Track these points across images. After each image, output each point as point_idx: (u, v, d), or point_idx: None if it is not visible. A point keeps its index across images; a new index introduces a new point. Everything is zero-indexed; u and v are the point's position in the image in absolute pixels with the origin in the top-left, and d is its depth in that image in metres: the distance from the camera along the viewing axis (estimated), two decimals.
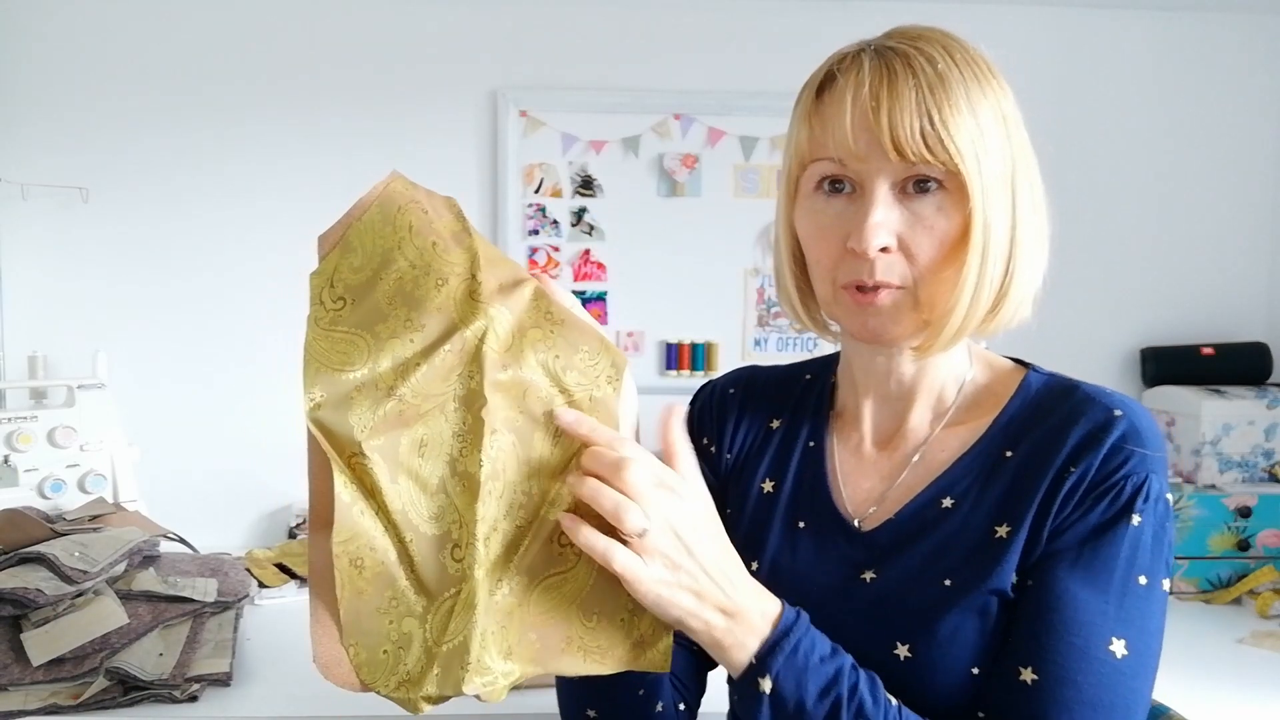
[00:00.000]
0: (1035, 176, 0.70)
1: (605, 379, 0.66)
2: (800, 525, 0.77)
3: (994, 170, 0.65)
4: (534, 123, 1.89)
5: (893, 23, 0.70)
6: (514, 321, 0.63)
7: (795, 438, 0.82)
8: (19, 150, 1.81)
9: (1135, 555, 0.64)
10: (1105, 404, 0.68)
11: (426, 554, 0.60)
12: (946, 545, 0.69)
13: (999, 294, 0.68)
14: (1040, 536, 0.66)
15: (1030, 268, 0.69)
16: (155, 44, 1.82)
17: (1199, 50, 1.96)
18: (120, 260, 1.84)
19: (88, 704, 1.12)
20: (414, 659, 0.59)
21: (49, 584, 1.20)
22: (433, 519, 0.60)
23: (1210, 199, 2.00)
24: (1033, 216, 0.69)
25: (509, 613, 0.61)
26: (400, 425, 0.60)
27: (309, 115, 1.85)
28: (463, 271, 0.63)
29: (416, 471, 0.60)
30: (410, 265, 0.63)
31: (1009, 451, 0.70)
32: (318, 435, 0.60)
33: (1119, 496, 0.65)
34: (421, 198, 0.67)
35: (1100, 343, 2.00)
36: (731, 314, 1.95)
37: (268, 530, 1.90)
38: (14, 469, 1.59)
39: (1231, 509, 1.64)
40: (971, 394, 0.75)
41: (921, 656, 0.66)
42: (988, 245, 0.66)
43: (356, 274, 0.63)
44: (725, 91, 1.90)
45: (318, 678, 0.60)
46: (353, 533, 0.59)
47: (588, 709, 0.77)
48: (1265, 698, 1.23)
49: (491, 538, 0.60)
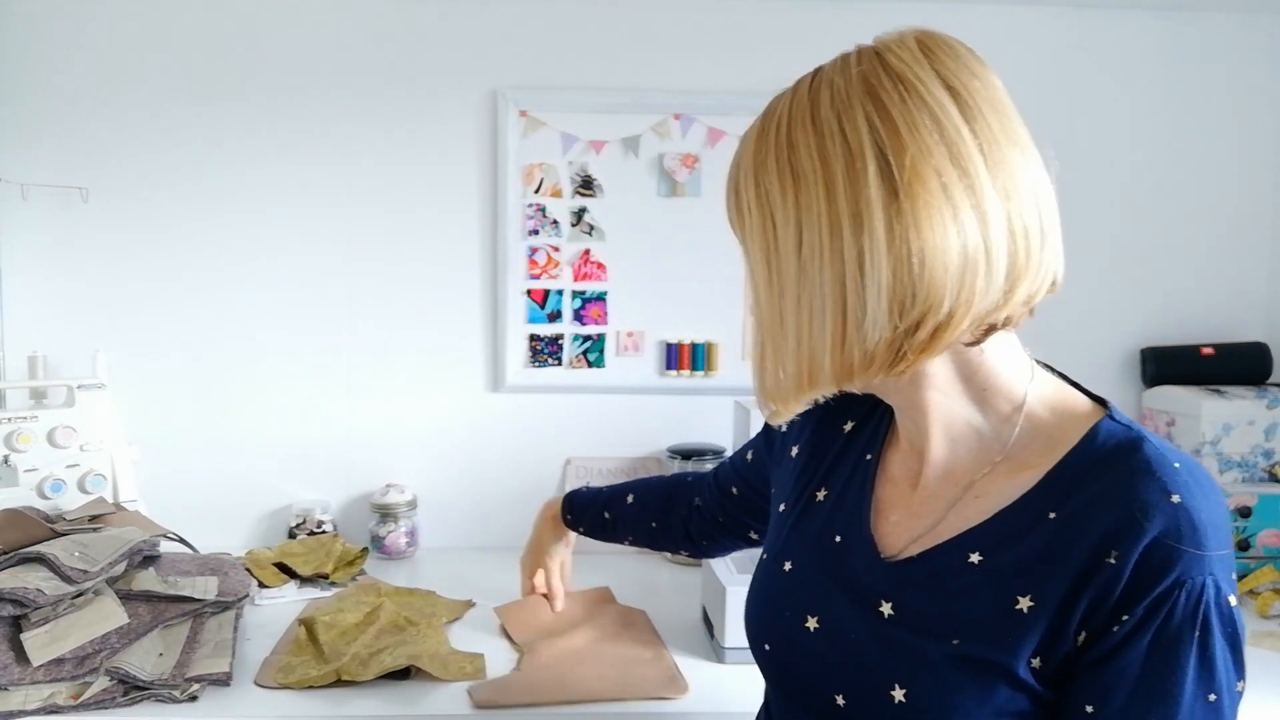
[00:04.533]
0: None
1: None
2: (837, 540, 0.76)
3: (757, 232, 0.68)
4: (534, 123, 1.89)
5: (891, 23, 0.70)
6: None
7: (856, 447, 0.81)
8: (19, 150, 1.81)
9: (1205, 677, 0.58)
10: (1162, 482, 0.59)
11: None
12: (964, 603, 0.65)
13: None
14: (1067, 628, 0.60)
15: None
16: (155, 44, 1.82)
17: (1199, 50, 1.96)
18: (120, 260, 1.84)
19: (88, 704, 1.12)
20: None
21: (49, 584, 1.20)
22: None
23: (1210, 199, 1.99)
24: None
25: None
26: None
27: (309, 115, 1.85)
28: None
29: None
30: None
31: (1052, 513, 0.63)
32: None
33: (1171, 612, 0.57)
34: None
35: (1100, 343, 2.00)
36: (731, 314, 1.95)
37: (268, 530, 1.90)
38: (14, 469, 1.59)
39: (1231, 509, 1.64)
40: (1028, 440, 0.68)
41: (916, 704, 0.65)
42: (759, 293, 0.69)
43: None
44: (725, 91, 1.90)
45: None
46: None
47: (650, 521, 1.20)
48: (1265, 698, 1.23)
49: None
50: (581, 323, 1.93)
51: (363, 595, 1.51)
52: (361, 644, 1.30)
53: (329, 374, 1.90)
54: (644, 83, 1.90)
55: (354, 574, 1.67)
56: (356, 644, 1.30)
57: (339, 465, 1.91)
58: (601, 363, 1.94)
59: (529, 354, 1.93)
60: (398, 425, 1.91)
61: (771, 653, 0.77)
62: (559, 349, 1.94)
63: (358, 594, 1.52)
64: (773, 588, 0.80)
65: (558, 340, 1.93)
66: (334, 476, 1.91)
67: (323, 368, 1.89)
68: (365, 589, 1.56)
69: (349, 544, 1.75)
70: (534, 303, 1.92)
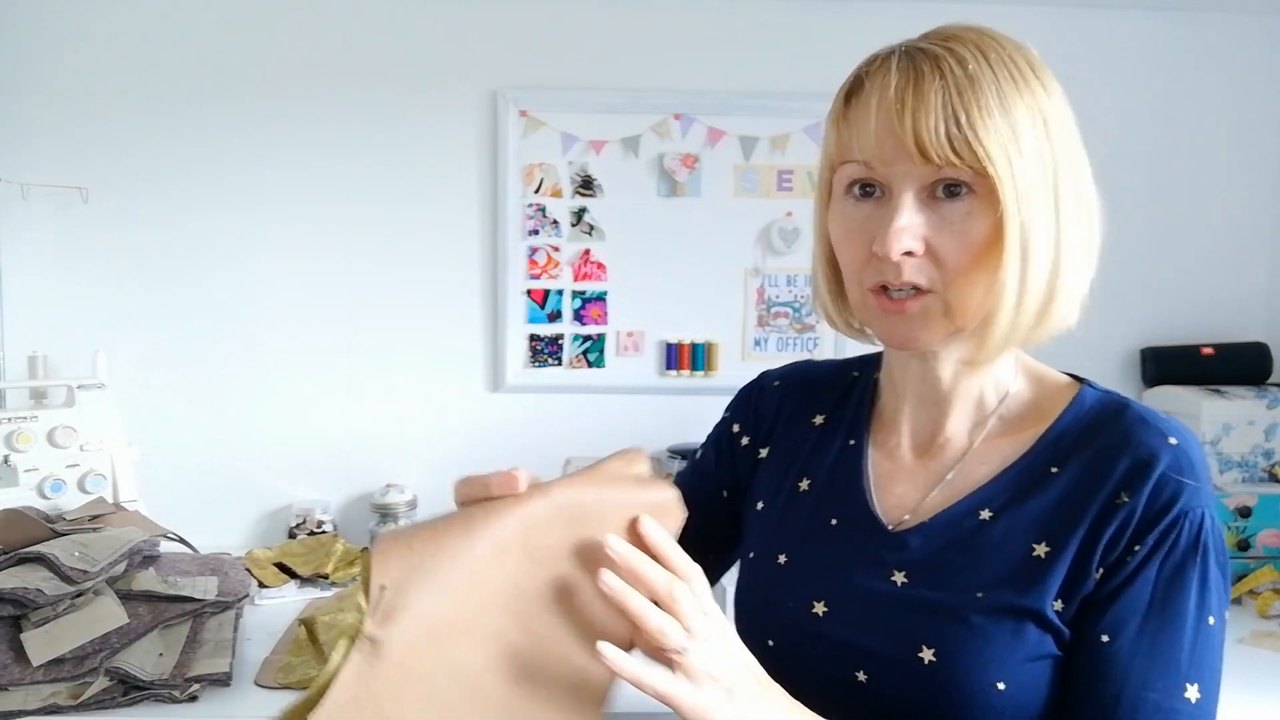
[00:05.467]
0: (1084, 179, 0.68)
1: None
2: (833, 523, 0.77)
3: (1029, 173, 0.63)
4: (534, 123, 1.89)
5: (893, 23, 0.70)
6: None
7: (835, 435, 0.81)
8: (19, 150, 1.81)
9: (1205, 599, 0.63)
10: (1159, 429, 0.67)
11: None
12: (982, 557, 0.68)
13: (1045, 300, 0.66)
14: (1089, 567, 0.65)
15: (1077, 273, 0.68)
16: (155, 44, 1.82)
17: (1199, 50, 1.96)
18: (120, 260, 1.84)
19: (88, 704, 1.12)
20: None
21: (49, 584, 1.20)
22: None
23: (1210, 199, 1.99)
24: (1079, 220, 0.67)
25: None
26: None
27: (309, 115, 1.85)
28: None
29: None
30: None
31: (1054, 468, 0.69)
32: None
33: (1178, 539, 0.63)
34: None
35: (1100, 343, 2.00)
36: (731, 314, 1.95)
37: (268, 530, 1.90)
38: (14, 469, 1.59)
39: (1231, 509, 1.64)
40: (1017, 407, 0.74)
41: (946, 662, 0.66)
42: (1027, 250, 0.64)
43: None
44: (725, 91, 1.90)
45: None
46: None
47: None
48: (1265, 698, 1.23)
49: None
50: (581, 323, 1.93)
51: (364, 596, 1.51)
52: None
53: (329, 374, 1.90)
54: (644, 83, 1.90)
55: (354, 574, 1.67)
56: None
57: (339, 465, 1.91)
58: (601, 363, 1.94)
59: (529, 354, 1.93)
60: (398, 425, 1.91)
61: (776, 648, 0.77)
62: (559, 349, 1.94)
63: (358, 594, 1.52)
64: (769, 583, 0.80)
65: (558, 340, 1.93)
66: (334, 476, 1.91)
67: (323, 367, 1.89)
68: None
69: (349, 544, 1.75)
70: (534, 303, 1.92)
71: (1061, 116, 0.67)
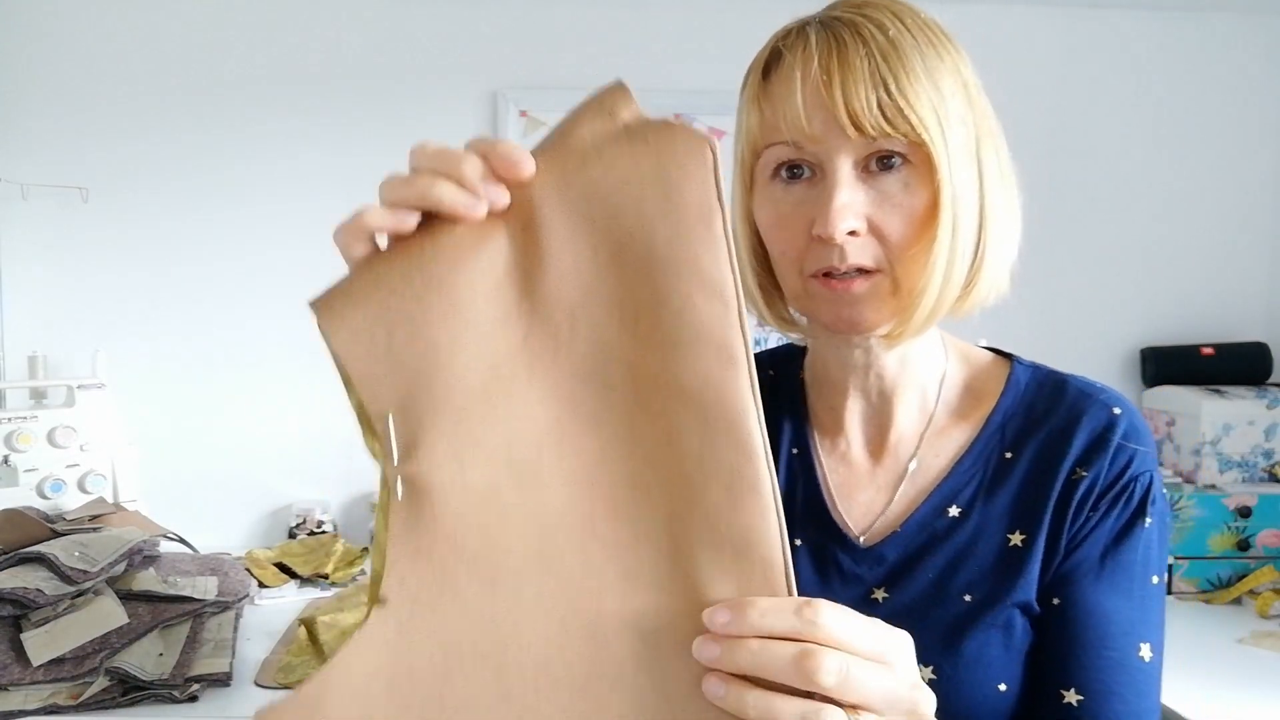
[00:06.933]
0: (1001, 143, 0.65)
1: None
2: (797, 543, 0.71)
3: (958, 139, 0.60)
4: (534, 123, 1.89)
5: None
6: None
7: (776, 443, 0.74)
8: (19, 150, 1.81)
9: (1149, 556, 0.64)
10: (1104, 401, 0.67)
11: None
12: (961, 557, 0.66)
13: (972, 269, 0.63)
14: (1058, 546, 0.65)
15: (1003, 239, 0.65)
16: (155, 44, 1.82)
17: (1199, 50, 1.96)
18: (120, 260, 1.84)
19: (88, 704, 1.12)
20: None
21: (49, 584, 1.20)
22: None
23: (1210, 199, 1.99)
24: (1001, 185, 0.64)
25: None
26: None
27: (309, 115, 1.85)
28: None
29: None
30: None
31: (1009, 453, 0.68)
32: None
33: (1130, 499, 0.64)
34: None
35: (1100, 343, 2.00)
36: None
37: (268, 530, 1.90)
38: (14, 469, 1.59)
39: (1231, 509, 1.64)
40: (954, 392, 0.71)
41: (946, 678, 0.63)
42: (958, 218, 0.60)
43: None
44: (725, 91, 1.89)
45: None
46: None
47: None
48: (1265, 698, 1.23)
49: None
50: None
51: (362, 595, 1.51)
52: None
53: (329, 373, 1.88)
54: (644, 83, 1.88)
55: (354, 574, 1.67)
56: None
57: (339, 465, 1.91)
58: None
59: None
60: None
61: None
62: None
63: (357, 594, 1.53)
64: None
65: None
66: (334, 476, 1.91)
67: (323, 367, 1.88)
68: (365, 589, 1.56)
69: (349, 544, 1.75)
70: None
71: (977, 82, 0.64)
